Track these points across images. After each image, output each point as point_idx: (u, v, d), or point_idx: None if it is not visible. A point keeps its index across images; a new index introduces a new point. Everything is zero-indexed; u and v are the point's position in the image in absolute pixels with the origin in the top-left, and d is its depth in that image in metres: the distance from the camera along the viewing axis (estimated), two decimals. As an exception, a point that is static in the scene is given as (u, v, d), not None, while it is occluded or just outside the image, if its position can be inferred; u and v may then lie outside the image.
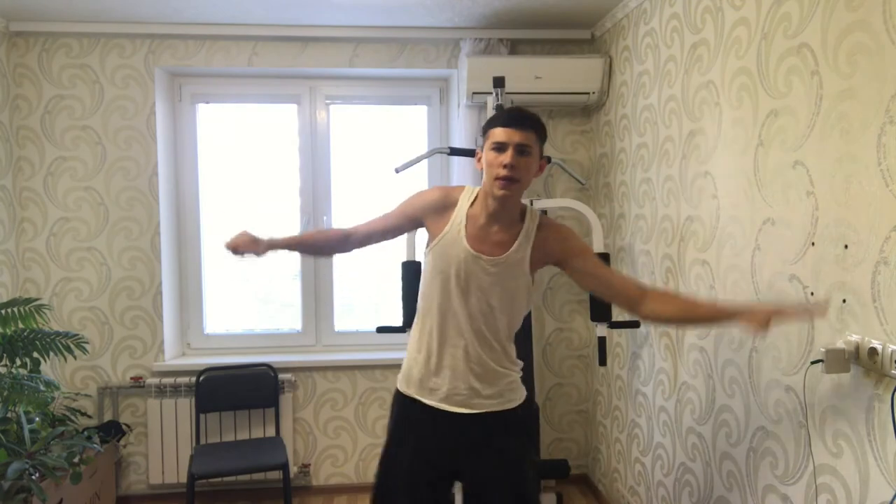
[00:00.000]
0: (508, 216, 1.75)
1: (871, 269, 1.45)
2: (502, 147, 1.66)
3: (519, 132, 1.65)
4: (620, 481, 2.96)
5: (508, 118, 1.68)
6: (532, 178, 1.73)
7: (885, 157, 1.40)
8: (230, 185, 3.36)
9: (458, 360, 1.76)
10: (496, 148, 1.67)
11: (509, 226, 1.76)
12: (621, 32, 2.86)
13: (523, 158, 1.66)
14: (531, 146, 1.67)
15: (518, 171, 1.65)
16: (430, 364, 1.79)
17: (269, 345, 3.39)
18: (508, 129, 1.65)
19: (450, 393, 1.77)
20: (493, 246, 1.74)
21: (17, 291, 3.07)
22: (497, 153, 1.66)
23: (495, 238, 1.75)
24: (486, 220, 1.75)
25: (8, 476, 2.16)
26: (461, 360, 1.76)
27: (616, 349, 2.98)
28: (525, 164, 1.67)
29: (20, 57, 3.03)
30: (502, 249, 1.74)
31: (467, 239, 1.74)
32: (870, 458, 1.47)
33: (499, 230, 1.75)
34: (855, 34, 1.48)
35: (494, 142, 1.67)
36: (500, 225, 1.75)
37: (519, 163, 1.65)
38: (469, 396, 1.77)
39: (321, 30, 3.07)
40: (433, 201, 1.82)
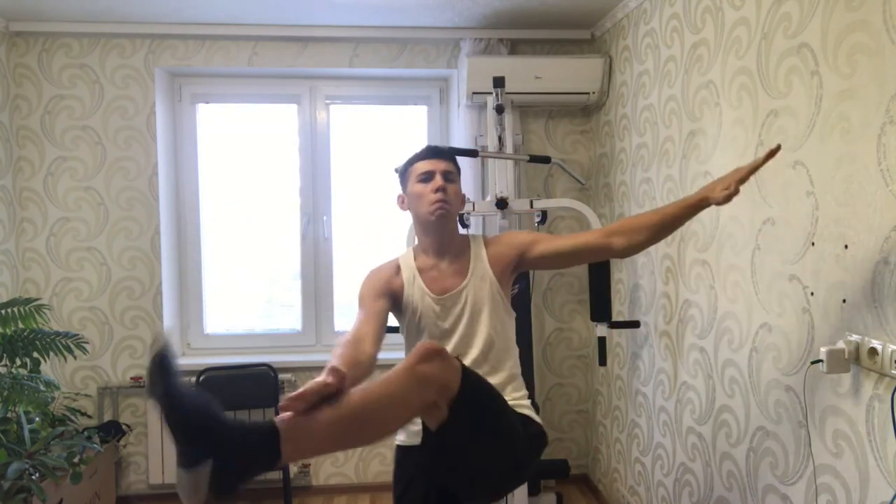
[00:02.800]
0: (454, 246, 1.76)
1: (871, 269, 1.45)
2: (429, 175, 1.71)
3: (442, 161, 1.73)
4: (620, 481, 2.96)
5: (428, 151, 1.76)
6: (459, 208, 1.76)
7: (885, 157, 1.40)
8: (230, 184, 3.36)
9: None
10: (423, 179, 1.72)
11: (459, 255, 1.76)
12: (621, 32, 2.86)
13: (451, 184, 1.72)
14: (454, 174, 1.75)
15: (449, 195, 1.70)
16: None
17: (269, 345, 3.39)
18: (432, 159, 1.73)
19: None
20: (452, 277, 1.74)
21: (17, 291, 3.07)
22: (425, 183, 1.71)
23: (450, 270, 1.75)
24: (435, 258, 1.76)
25: (8, 476, 2.16)
26: None
27: (616, 349, 2.98)
28: (453, 189, 1.73)
29: (20, 57, 3.03)
30: (462, 276, 1.74)
31: (427, 287, 1.73)
32: (870, 458, 1.47)
33: (450, 262, 1.76)
34: (855, 34, 1.48)
35: (420, 173, 1.72)
36: (449, 257, 1.76)
37: (448, 188, 1.70)
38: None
39: (321, 30, 3.07)
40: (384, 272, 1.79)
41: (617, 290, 2.94)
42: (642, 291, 2.68)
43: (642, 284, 2.68)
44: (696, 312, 2.24)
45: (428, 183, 1.71)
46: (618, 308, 2.93)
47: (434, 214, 1.70)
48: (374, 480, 3.32)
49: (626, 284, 2.84)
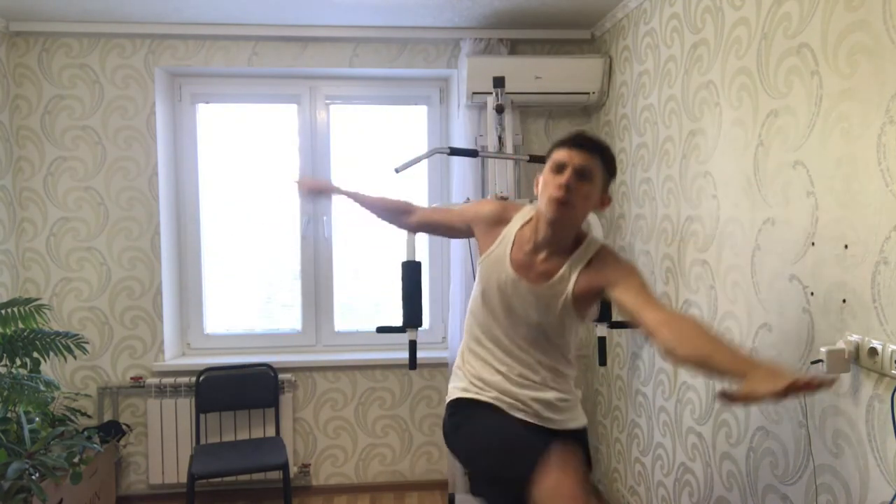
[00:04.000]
0: (558, 244, 1.64)
1: (871, 269, 1.45)
2: (561, 167, 1.55)
3: (581, 154, 1.54)
4: (620, 481, 2.96)
5: (573, 140, 1.57)
6: (590, 208, 1.59)
7: (885, 157, 1.40)
8: (230, 185, 3.36)
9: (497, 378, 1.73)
10: (555, 168, 1.56)
11: (558, 254, 1.64)
12: (621, 32, 2.86)
13: (583, 183, 1.54)
14: (593, 172, 1.56)
15: (574, 195, 1.53)
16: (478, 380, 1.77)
17: (269, 345, 3.39)
18: (571, 150, 1.55)
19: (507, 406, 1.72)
20: (537, 275, 1.65)
21: (17, 291, 3.07)
22: (555, 174, 1.56)
23: (541, 267, 1.65)
24: (534, 244, 1.66)
25: (8, 476, 2.16)
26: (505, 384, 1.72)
27: (616, 349, 2.98)
28: (584, 190, 1.55)
29: (20, 57, 3.03)
30: (545, 278, 1.64)
31: (511, 261, 1.67)
32: (870, 458, 1.47)
33: (545, 258, 1.65)
34: (855, 34, 1.48)
35: (554, 161, 1.57)
36: (547, 252, 1.65)
37: (577, 186, 1.53)
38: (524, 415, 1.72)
39: (321, 30, 3.07)
40: (487, 214, 1.77)
41: (617, 290, 2.93)
42: (642, 291, 2.68)
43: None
44: (696, 313, 2.24)
45: (558, 174, 1.55)
46: (618, 308, 2.93)
47: (549, 214, 1.58)
48: (374, 480, 3.32)
49: (626, 284, 2.84)
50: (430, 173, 3.40)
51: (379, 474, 3.32)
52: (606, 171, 1.60)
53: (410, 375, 3.31)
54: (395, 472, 3.34)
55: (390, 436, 3.32)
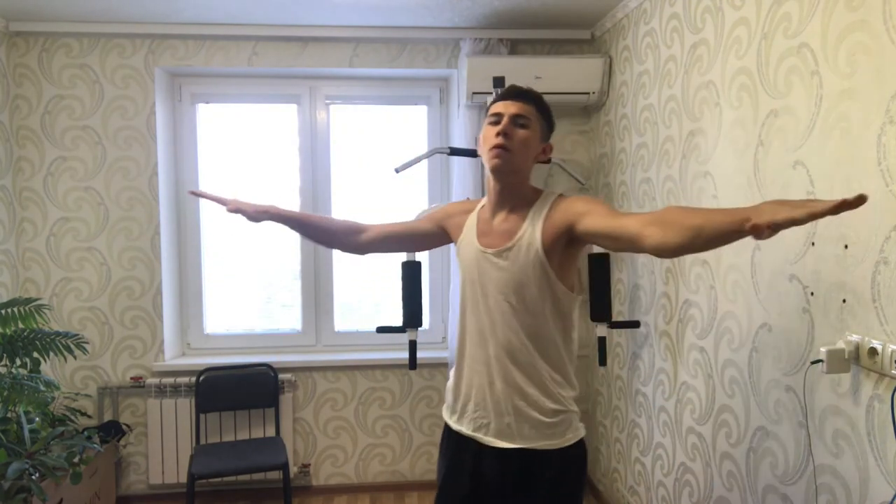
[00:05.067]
0: (514, 199, 1.60)
1: (871, 269, 1.45)
2: (498, 118, 1.56)
3: (516, 103, 1.56)
4: (620, 481, 2.96)
5: (507, 92, 1.60)
6: (532, 155, 1.58)
7: (885, 157, 1.40)
8: (230, 185, 3.36)
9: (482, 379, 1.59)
10: (492, 121, 1.57)
11: (517, 210, 1.59)
12: (621, 32, 2.86)
13: (520, 130, 1.55)
14: (529, 118, 1.56)
15: (512, 142, 1.53)
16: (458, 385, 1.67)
17: (269, 345, 3.39)
18: (506, 101, 1.57)
19: (477, 418, 1.60)
20: (499, 236, 1.59)
21: (17, 291, 3.07)
22: (492, 125, 1.56)
23: (501, 227, 1.60)
24: (492, 209, 1.63)
25: (8, 476, 2.16)
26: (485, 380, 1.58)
27: (616, 349, 2.98)
28: (522, 136, 1.55)
29: (20, 57, 3.03)
30: (509, 237, 1.57)
31: (477, 237, 1.63)
32: (870, 458, 1.47)
33: (505, 217, 1.60)
34: (855, 34, 1.48)
35: (491, 114, 1.58)
36: (505, 211, 1.61)
37: (514, 133, 1.53)
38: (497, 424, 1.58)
39: (321, 30, 3.07)
40: (454, 207, 1.79)
41: (617, 290, 2.94)
42: (642, 291, 2.68)
43: (642, 284, 2.68)
44: (696, 312, 2.24)
45: (495, 125, 1.56)
46: (618, 308, 2.93)
47: (490, 162, 1.55)
48: (374, 480, 3.32)
49: (626, 284, 2.84)
50: (430, 173, 3.40)
51: (379, 474, 3.33)
52: (543, 119, 1.60)
53: (410, 375, 3.31)
54: (395, 472, 3.34)
55: (390, 436, 3.32)
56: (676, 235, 1.20)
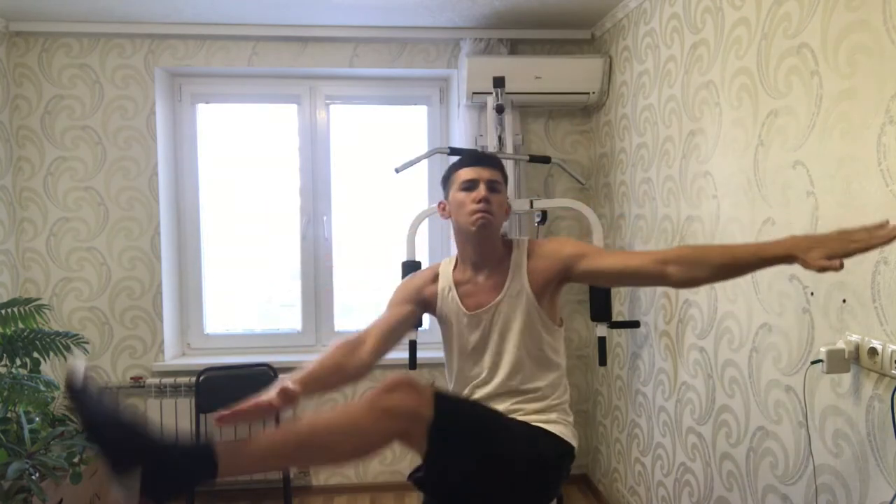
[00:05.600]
0: (492, 257, 1.71)
1: (871, 269, 1.45)
2: (473, 184, 1.66)
3: (487, 169, 1.67)
4: (620, 481, 2.96)
5: (472, 158, 1.70)
6: (503, 219, 1.71)
7: (885, 157, 1.40)
8: (230, 185, 3.36)
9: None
10: (466, 188, 1.66)
11: (497, 266, 1.71)
12: (621, 32, 2.86)
13: (494, 195, 1.66)
14: (500, 183, 1.69)
15: (492, 206, 1.64)
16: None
17: (269, 345, 3.39)
18: (476, 167, 1.67)
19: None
20: (487, 293, 1.70)
21: (17, 291, 3.07)
22: (468, 192, 1.66)
23: (487, 284, 1.71)
24: (472, 271, 1.73)
25: (8, 476, 2.16)
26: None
27: (616, 349, 2.98)
28: (497, 200, 1.67)
29: (20, 57, 3.03)
30: (497, 291, 1.69)
31: (462, 302, 1.71)
32: (870, 458, 1.47)
33: (488, 275, 1.71)
34: (855, 34, 1.48)
35: (463, 181, 1.67)
36: (487, 269, 1.72)
37: (492, 198, 1.65)
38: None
39: (321, 30, 3.07)
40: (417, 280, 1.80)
41: (617, 290, 2.94)
42: (642, 291, 2.68)
43: (641, 285, 2.68)
44: (696, 312, 2.24)
45: (471, 192, 1.66)
46: (618, 308, 2.93)
47: (475, 224, 1.64)
48: (374, 480, 3.32)
49: (626, 284, 2.84)
50: (430, 173, 3.40)
51: (379, 474, 3.32)
52: (505, 181, 1.73)
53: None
54: (395, 472, 3.33)
55: (390, 436, 3.31)
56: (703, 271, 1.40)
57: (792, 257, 1.25)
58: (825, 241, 1.23)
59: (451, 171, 1.72)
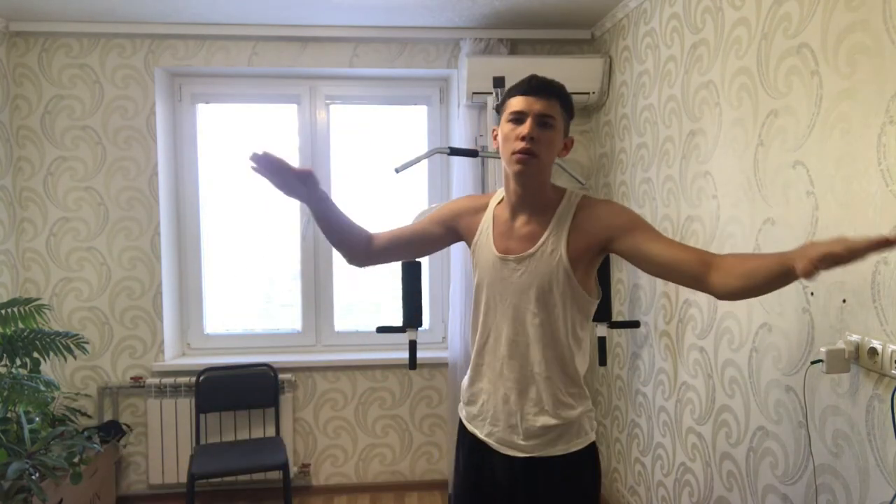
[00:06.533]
0: (535, 202, 1.51)
1: (871, 269, 1.45)
2: (521, 117, 1.45)
3: (540, 101, 1.44)
4: (620, 481, 2.96)
5: (529, 86, 1.46)
6: (555, 156, 1.50)
7: (885, 157, 1.40)
8: (230, 185, 3.36)
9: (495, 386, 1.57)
10: (514, 119, 1.46)
11: (539, 213, 1.52)
12: (621, 32, 2.86)
13: (545, 132, 1.44)
14: (554, 118, 1.45)
15: (538, 145, 1.43)
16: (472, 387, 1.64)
17: (269, 345, 3.39)
18: (529, 97, 1.45)
19: (488, 425, 1.59)
20: (520, 241, 1.52)
21: (17, 291, 3.07)
22: (515, 125, 1.45)
23: (523, 231, 1.52)
24: (512, 210, 1.54)
25: (8, 476, 2.16)
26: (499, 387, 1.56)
27: (616, 349, 2.98)
28: (547, 138, 1.45)
29: (20, 57, 3.03)
30: (531, 243, 1.50)
31: (494, 240, 1.55)
32: (870, 458, 1.47)
33: (527, 221, 1.53)
34: (855, 34, 1.48)
35: (512, 111, 1.46)
36: (527, 214, 1.53)
37: (539, 136, 1.43)
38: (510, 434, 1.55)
39: (321, 30, 3.07)
40: (463, 205, 1.67)
41: (617, 290, 2.94)
42: (642, 291, 2.68)
43: (642, 284, 2.68)
44: (696, 312, 2.24)
45: (518, 125, 1.45)
46: (618, 308, 2.93)
47: (513, 167, 1.46)
48: (374, 480, 3.32)
49: (626, 284, 2.84)
50: (430, 173, 3.40)
51: (379, 474, 3.33)
52: (566, 113, 1.51)
53: (410, 375, 3.31)
54: (395, 472, 3.34)
55: (390, 436, 3.32)
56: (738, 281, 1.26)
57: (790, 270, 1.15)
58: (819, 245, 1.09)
59: (508, 94, 1.51)
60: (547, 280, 1.49)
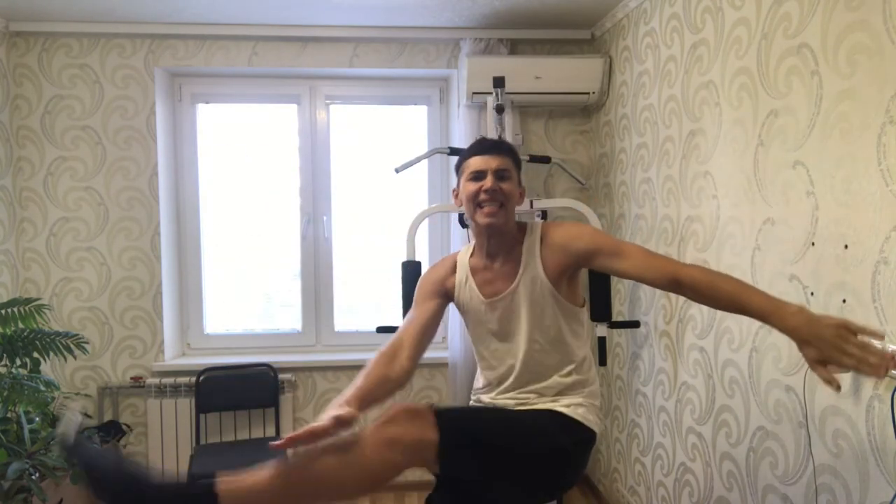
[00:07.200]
0: (506, 244, 1.69)
1: (871, 269, 1.45)
2: (481, 174, 1.63)
3: (496, 158, 1.64)
4: (620, 481, 2.96)
5: (481, 147, 1.66)
6: (516, 204, 1.68)
7: (885, 157, 1.40)
8: (230, 185, 3.36)
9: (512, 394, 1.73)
10: (474, 177, 1.64)
11: (511, 252, 1.69)
12: (621, 32, 2.86)
13: (504, 183, 1.63)
14: (509, 170, 1.65)
15: (502, 196, 1.62)
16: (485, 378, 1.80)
17: (269, 345, 3.39)
18: (484, 156, 1.64)
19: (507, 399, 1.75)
20: (502, 281, 1.69)
21: (17, 291, 3.07)
22: (476, 182, 1.63)
23: (502, 272, 1.69)
24: (487, 259, 1.71)
25: (8, 476, 2.16)
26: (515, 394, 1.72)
27: (616, 349, 2.98)
28: (507, 188, 1.64)
29: (20, 57, 3.03)
30: (511, 278, 1.67)
31: (479, 289, 1.71)
32: (870, 458, 1.47)
33: (503, 262, 1.70)
34: (855, 34, 1.48)
35: (472, 171, 1.64)
36: (501, 257, 1.70)
37: (500, 187, 1.62)
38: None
39: (321, 30, 3.07)
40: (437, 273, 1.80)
41: (617, 290, 2.94)
42: (642, 291, 2.68)
43: (642, 284, 2.67)
44: (696, 312, 2.24)
45: (479, 181, 1.63)
46: (618, 308, 2.93)
47: (482, 220, 1.63)
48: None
49: (626, 284, 2.84)
50: (430, 173, 3.40)
51: (379, 474, 3.32)
52: (517, 166, 1.69)
53: (410, 375, 3.30)
54: (395, 472, 3.33)
55: (390, 436, 3.31)
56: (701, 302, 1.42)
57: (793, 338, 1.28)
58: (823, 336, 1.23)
59: (462, 159, 1.70)
60: (536, 305, 1.66)
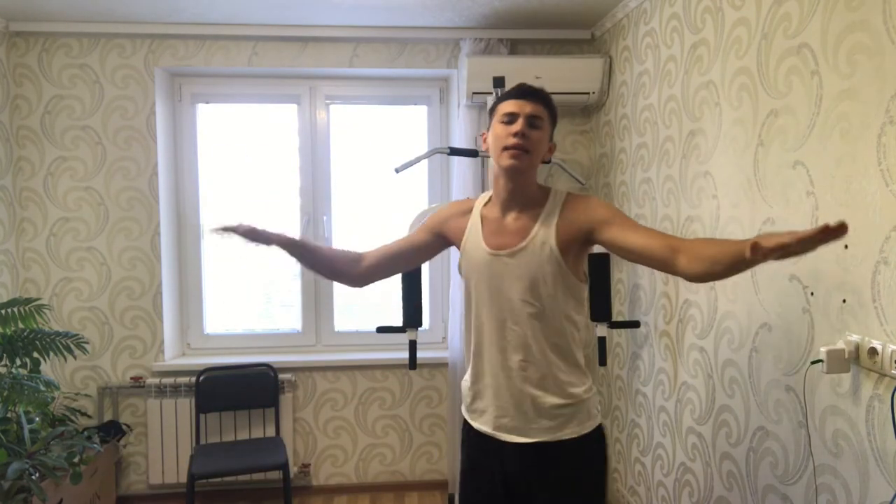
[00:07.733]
0: (525, 198, 1.61)
1: (871, 269, 1.45)
2: (512, 118, 1.56)
3: (530, 103, 1.57)
4: (620, 481, 2.96)
5: (520, 91, 1.59)
6: (542, 155, 1.61)
7: (885, 157, 1.40)
8: (230, 185, 3.36)
9: (499, 378, 1.61)
10: (506, 120, 1.57)
11: (528, 209, 1.61)
12: (621, 32, 2.86)
13: (534, 131, 1.56)
14: (543, 119, 1.58)
15: (529, 142, 1.54)
16: (475, 385, 1.68)
17: (269, 345, 3.39)
18: (520, 100, 1.57)
19: (496, 417, 1.63)
20: (511, 236, 1.60)
21: (17, 291, 3.07)
22: (507, 125, 1.57)
23: (513, 226, 1.61)
24: (501, 208, 1.64)
25: (8, 476, 2.16)
26: (503, 378, 1.61)
27: (616, 349, 2.98)
28: (536, 136, 1.56)
29: (20, 57, 3.03)
30: (522, 236, 1.58)
31: (484, 238, 1.63)
32: (870, 458, 1.47)
33: (517, 216, 1.61)
34: (855, 34, 1.48)
35: (504, 113, 1.58)
36: (517, 210, 1.61)
37: (530, 133, 1.55)
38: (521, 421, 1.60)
39: (321, 30, 3.07)
40: (448, 210, 1.75)
41: (617, 290, 2.94)
42: (642, 291, 2.68)
43: (642, 284, 2.68)
44: (696, 312, 2.24)
45: (510, 125, 1.56)
46: (618, 308, 2.93)
47: (505, 162, 1.56)
48: (374, 480, 3.32)
49: (626, 284, 2.84)
50: (430, 173, 3.40)
51: (379, 474, 3.33)
52: (551, 118, 1.63)
53: (410, 375, 3.31)
54: (395, 472, 3.34)
55: (390, 436, 3.32)
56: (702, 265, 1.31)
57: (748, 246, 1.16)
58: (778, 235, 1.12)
59: (497, 102, 1.63)
60: (539, 271, 1.57)
